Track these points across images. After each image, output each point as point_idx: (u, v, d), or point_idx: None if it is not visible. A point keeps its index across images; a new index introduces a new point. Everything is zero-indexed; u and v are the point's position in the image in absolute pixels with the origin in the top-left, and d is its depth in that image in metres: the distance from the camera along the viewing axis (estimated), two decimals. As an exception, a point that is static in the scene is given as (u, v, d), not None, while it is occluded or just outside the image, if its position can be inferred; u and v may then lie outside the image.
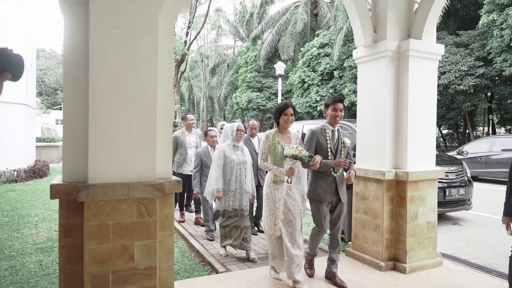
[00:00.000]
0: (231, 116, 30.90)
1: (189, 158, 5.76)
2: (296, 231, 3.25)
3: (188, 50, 22.06)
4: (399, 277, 3.56)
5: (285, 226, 3.25)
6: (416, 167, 3.73)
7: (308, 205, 3.47)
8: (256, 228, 5.15)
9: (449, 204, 5.88)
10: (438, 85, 16.26)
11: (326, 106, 3.40)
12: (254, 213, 5.14)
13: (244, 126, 4.88)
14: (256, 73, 26.22)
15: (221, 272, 3.61)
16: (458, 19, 20.99)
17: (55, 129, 26.53)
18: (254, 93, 25.66)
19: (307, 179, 3.49)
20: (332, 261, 3.40)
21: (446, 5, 16.26)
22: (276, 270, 3.43)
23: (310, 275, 3.51)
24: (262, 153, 3.36)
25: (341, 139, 3.37)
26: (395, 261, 3.75)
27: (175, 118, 24.47)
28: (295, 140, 3.39)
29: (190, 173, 5.47)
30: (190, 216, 6.01)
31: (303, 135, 7.68)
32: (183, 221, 5.74)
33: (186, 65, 27.08)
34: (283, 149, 3.17)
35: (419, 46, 3.70)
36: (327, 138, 3.31)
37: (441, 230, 5.62)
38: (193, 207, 6.15)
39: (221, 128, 5.88)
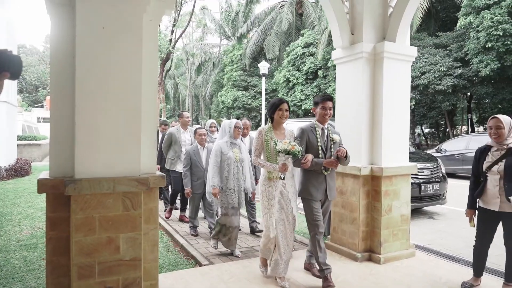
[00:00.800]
0: (217, 115, 30.91)
1: (183, 156, 5.55)
2: (287, 229, 3.26)
3: (173, 48, 21.95)
4: (374, 267, 3.76)
5: (279, 224, 3.22)
6: (390, 163, 3.94)
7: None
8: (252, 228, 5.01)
9: (425, 198, 6.15)
10: (419, 85, 16.77)
11: (315, 104, 3.38)
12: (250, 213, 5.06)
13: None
14: (242, 71, 26.32)
15: (204, 265, 3.74)
16: (438, 21, 21.59)
17: (36, 127, 26.02)
18: (240, 91, 25.77)
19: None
20: (311, 254, 3.49)
21: (427, 7, 16.75)
22: (266, 264, 3.44)
23: None
24: (255, 149, 3.32)
25: (330, 137, 3.37)
26: (371, 252, 3.95)
27: (160, 116, 24.37)
28: (290, 137, 3.34)
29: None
30: (175, 213, 6.10)
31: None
32: (168, 217, 5.79)
33: (171, 63, 26.93)
34: (276, 144, 3.15)
35: (393, 48, 3.90)
36: (318, 136, 3.31)
37: (417, 223, 5.89)
38: (177, 204, 6.20)
39: (210, 127, 5.94)
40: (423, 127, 31.76)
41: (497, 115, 3.06)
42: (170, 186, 6.66)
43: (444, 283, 3.37)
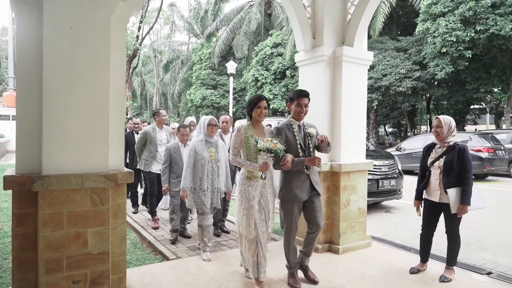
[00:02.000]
0: (185, 113, 30.65)
1: (159, 156, 5.39)
2: (267, 231, 3.19)
3: (140, 45, 21.58)
4: (332, 257, 4.02)
5: (260, 225, 3.09)
6: (349, 159, 4.22)
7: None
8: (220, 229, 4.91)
9: (382, 194, 6.56)
10: (381, 86, 17.55)
11: (291, 100, 3.22)
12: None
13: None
14: (211, 70, 26.28)
15: (172, 259, 3.84)
16: (400, 25, 22.64)
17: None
18: (209, 90, 25.72)
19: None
20: (306, 255, 3.33)
21: (389, 12, 17.55)
22: (248, 270, 3.30)
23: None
24: (233, 148, 3.12)
25: (306, 133, 3.22)
26: (330, 244, 4.21)
27: (127, 114, 23.81)
28: (269, 135, 3.19)
29: (159, 172, 5.02)
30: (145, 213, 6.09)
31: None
32: (157, 227, 5.12)
33: (138, 60, 26.46)
34: (257, 142, 2.97)
35: (351, 53, 4.18)
36: (295, 133, 3.15)
37: (374, 217, 6.27)
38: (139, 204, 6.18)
39: (189, 125, 5.51)
40: (386, 127, 33.20)
41: (440, 116, 3.42)
42: (140, 187, 6.60)
43: (396, 270, 3.68)
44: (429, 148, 3.53)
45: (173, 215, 4.55)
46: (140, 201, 6.39)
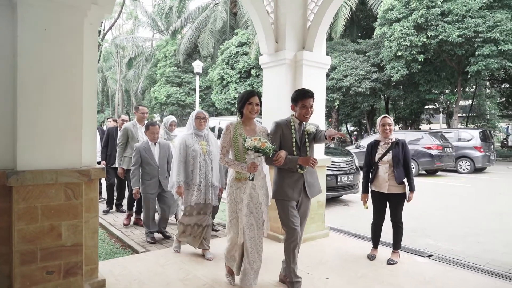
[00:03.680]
0: (149, 111, 30.10)
1: None
2: (256, 235, 2.97)
3: (102, 40, 20.98)
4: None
5: (247, 230, 2.93)
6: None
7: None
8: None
9: (341, 188, 7.02)
10: (342, 87, 18.34)
11: (294, 101, 3.02)
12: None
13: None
14: (176, 68, 26.04)
15: (141, 252, 3.99)
16: (360, 28, 23.71)
17: None
18: (174, 88, 25.49)
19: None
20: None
21: (349, 15, 18.35)
22: (233, 273, 3.16)
23: None
24: (222, 147, 2.99)
25: (305, 131, 3.05)
26: (292, 234, 4.53)
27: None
28: (262, 133, 3.03)
29: None
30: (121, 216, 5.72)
31: (220, 130, 8.24)
32: (127, 224, 5.11)
33: (100, 55, 25.60)
34: (245, 141, 2.81)
35: (311, 57, 4.51)
36: (293, 131, 2.99)
37: (333, 209, 6.72)
38: (125, 207, 5.81)
39: (170, 125, 5.21)
40: (348, 126, 34.52)
41: (386, 115, 3.85)
42: (116, 184, 6.15)
43: (350, 255, 4.06)
44: (373, 146, 3.92)
45: (148, 220, 4.43)
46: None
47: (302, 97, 2.96)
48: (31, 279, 2.50)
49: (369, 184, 3.94)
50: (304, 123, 3.06)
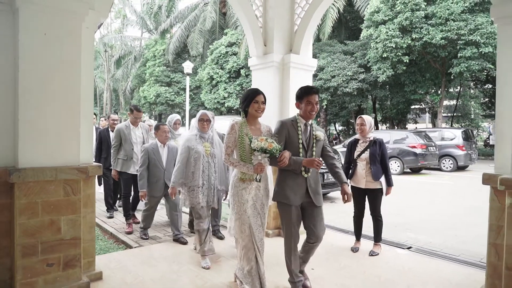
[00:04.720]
0: (138, 110, 29.99)
1: (135, 155, 5.04)
2: (263, 238, 2.93)
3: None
4: (281, 240, 4.47)
5: (256, 231, 2.86)
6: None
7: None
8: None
9: (327, 186, 7.25)
10: (330, 87, 18.65)
11: (299, 98, 2.93)
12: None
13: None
14: (165, 67, 26.06)
15: (135, 247, 4.13)
16: (348, 30, 24.08)
17: None
18: (163, 87, 25.51)
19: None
20: (303, 261, 3.12)
21: (337, 17, 18.68)
22: (242, 281, 2.96)
23: None
24: (226, 147, 2.88)
25: (313, 134, 2.93)
26: (280, 229, 4.72)
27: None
28: (267, 133, 2.95)
29: (136, 173, 4.76)
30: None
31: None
32: (130, 232, 4.75)
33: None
34: (251, 141, 2.74)
35: (298, 60, 4.71)
36: (299, 132, 2.88)
37: (321, 207, 6.92)
38: (120, 209, 5.69)
39: (174, 123, 5.21)
40: (336, 125, 34.98)
41: (362, 115, 4.13)
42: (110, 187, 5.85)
43: (335, 248, 4.28)
44: (353, 144, 4.16)
45: (148, 218, 4.47)
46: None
47: (307, 93, 2.88)
48: (32, 271, 2.64)
49: (349, 180, 4.16)
50: (313, 127, 2.98)
